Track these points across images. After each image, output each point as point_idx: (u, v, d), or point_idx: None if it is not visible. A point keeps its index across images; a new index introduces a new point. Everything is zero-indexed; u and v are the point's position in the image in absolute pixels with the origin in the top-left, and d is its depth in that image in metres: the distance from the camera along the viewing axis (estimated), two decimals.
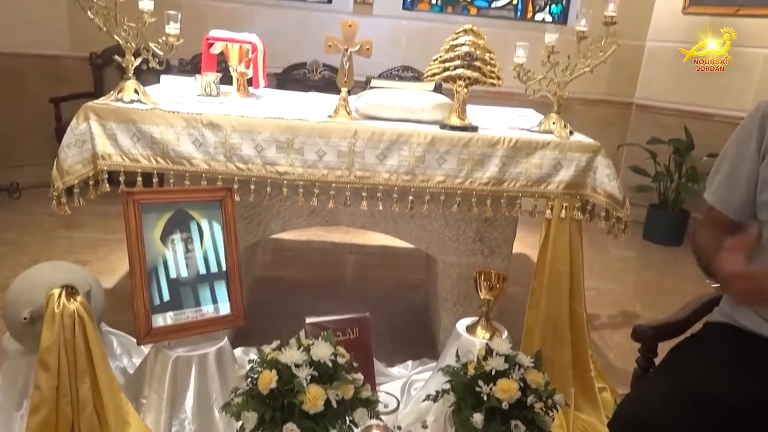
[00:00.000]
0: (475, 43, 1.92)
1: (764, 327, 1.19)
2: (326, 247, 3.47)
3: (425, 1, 4.33)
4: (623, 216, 1.98)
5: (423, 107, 2.02)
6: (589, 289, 3.15)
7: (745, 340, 1.22)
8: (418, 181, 1.93)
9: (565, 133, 2.00)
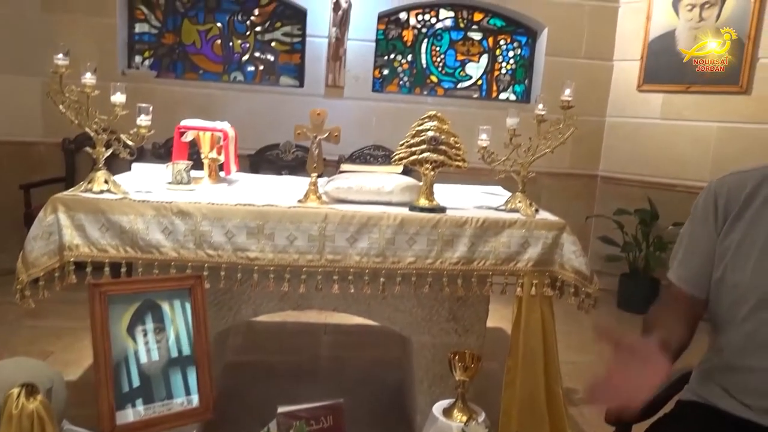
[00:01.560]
0: (439, 128, 1.99)
1: (733, 405, 1.19)
2: (300, 329, 3.42)
3: (394, 83, 4.51)
4: (592, 291, 2.01)
5: (392, 190, 2.06)
6: (566, 363, 3.14)
7: (717, 419, 1.22)
8: (389, 262, 1.95)
9: (530, 211, 2.06)
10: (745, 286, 1.20)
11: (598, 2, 4.37)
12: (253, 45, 4.36)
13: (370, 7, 4.21)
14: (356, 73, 4.26)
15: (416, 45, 4.49)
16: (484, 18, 4.50)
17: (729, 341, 1.23)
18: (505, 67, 4.60)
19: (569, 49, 4.40)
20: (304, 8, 4.20)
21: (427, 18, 4.46)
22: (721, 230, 1.26)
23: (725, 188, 1.28)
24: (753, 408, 1.16)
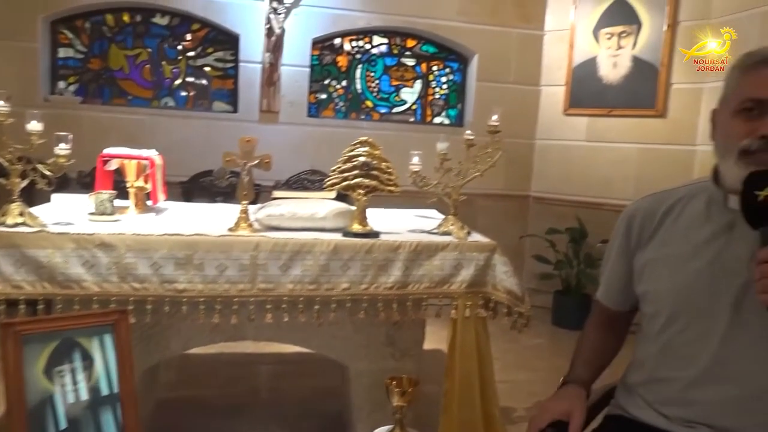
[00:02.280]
0: (371, 153, 2.00)
1: (653, 416, 1.23)
2: (237, 360, 3.32)
3: (329, 108, 4.53)
4: (524, 311, 2.05)
5: (325, 216, 2.05)
6: (504, 382, 3.19)
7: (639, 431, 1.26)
8: (324, 289, 1.93)
9: (462, 234, 2.09)
10: (659, 301, 1.26)
11: (524, 30, 4.55)
12: (184, 70, 4.28)
13: (304, 32, 4.22)
14: (291, 98, 4.25)
15: (351, 70, 4.53)
16: (416, 44, 4.61)
17: (648, 354, 1.28)
18: (439, 92, 4.71)
19: (499, 74, 4.56)
20: (236, 33, 4.17)
21: (361, 44, 4.52)
22: (637, 250, 1.32)
23: (641, 210, 1.34)
24: (671, 418, 1.20)
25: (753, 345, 1.11)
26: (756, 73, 1.11)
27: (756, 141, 1.08)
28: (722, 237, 1.18)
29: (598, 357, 1.42)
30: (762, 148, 1.08)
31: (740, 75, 1.15)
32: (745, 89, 1.12)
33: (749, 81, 1.12)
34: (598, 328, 1.46)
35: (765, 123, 1.08)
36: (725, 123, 1.17)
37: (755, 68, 1.12)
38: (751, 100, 1.10)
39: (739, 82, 1.15)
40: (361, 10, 4.30)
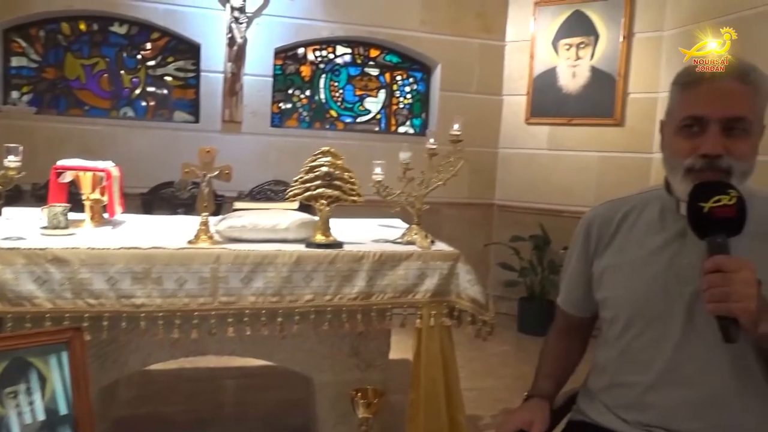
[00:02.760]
0: (333, 163, 1.99)
1: (613, 421, 1.25)
2: (200, 374, 3.25)
3: (293, 118, 4.50)
4: (488, 319, 2.05)
5: (287, 227, 2.03)
6: (471, 390, 3.20)
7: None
8: (287, 301, 1.90)
9: (426, 243, 2.09)
10: (617, 306, 1.28)
11: (486, 41, 4.62)
12: (144, 80, 4.20)
13: (267, 42, 4.20)
14: (254, 108, 4.21)
15: (314, 80, 4.52)
16: (380, 54, 4.62)
17: (608, 359, 1.30)
18: (403, 102, 4.73)
19: (461, 84, 4.61)
20: (197, 43, 4.12)
21: (324, 54, 4.52)
22: (595, 256, 1.35)
23: (598, 218, 1.37)
24: (630, 422, 1.22)
25: (705, 350, 1.14)
26: (694, 91, 1.14)
27: (699, 160, 1.11)
28: (675, 244, 1.21)
29: (560, 368, 1.45)
30: (704, 167, 1.10)
31: (680, 91, 1.18)
32: (684, 106, 1.15)
33: (688, 98, 1.15)
34: (560, 336, 1.49)
35: (705, 141, 1.10)
36: (670, 139, 1.20)
37: (693, 85, 1.15)
38: (690, 118, 1.13)
39: (680, 98, 1.18)
40: (325, 20, 4.30)
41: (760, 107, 1.14)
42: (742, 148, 1.10)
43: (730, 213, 1.02)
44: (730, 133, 1.10)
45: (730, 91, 1.11)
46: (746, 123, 1.11)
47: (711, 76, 1.12)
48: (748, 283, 0.97)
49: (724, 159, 1.09)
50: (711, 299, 0.99)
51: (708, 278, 0.99)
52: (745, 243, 1.06)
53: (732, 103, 1.10)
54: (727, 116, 1.10)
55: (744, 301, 0.96)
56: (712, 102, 1.11)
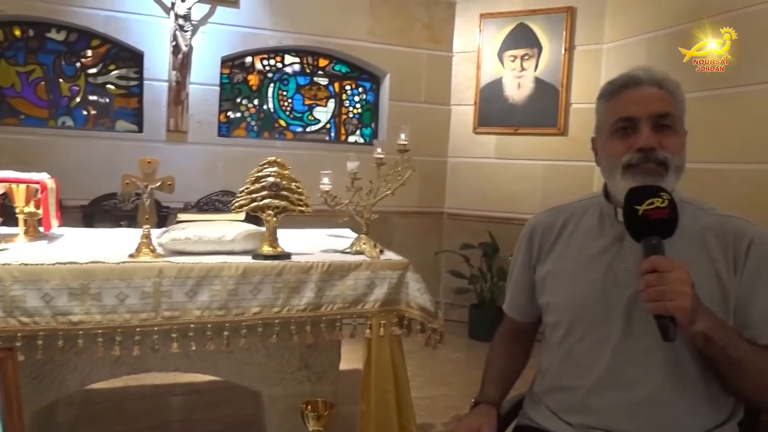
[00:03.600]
0: (280, 173, 1.97)
1: (558, 425, 1.27)
2: (145, 392, 3.14)
3: (241, 128, 4.43)
4: (437, 327, 2.07)
5: (233, 238, 1.99)
6: (423, 398, 3.22)
7: None
8: (233, 314, 1.86)
9: (375, 252, 2.09)
10: (559, 311, 1.31)
11: (433, 51, 4.68)
12: (84, 88, 4.05)
13: (213, 50, 4.13)
14: (200, 117, 4.13)
15: (263, 89, 4.47)
16: (329, 64, 4.62)
17: (551, 363, 1.33)
18: (352, 111, 4.73)
19: (410, 94, 4.65)
20: (140, 51, 4.01)
21: (272, 63, 4.48)
22: (538, 262, 1.38)
23: (540, 224, 1.40)
24: (574, 425, 1.24)
25: (643, 352, 1.17)
26: (620, 97, 1.22)
27: (635, 155, 1.18)
28: (613, 249, 1.25)
29: (506, 374, 1.47)
30: (642, 160, 1.17)
31: (607, 102, 1.26)
32: (613, 112, 1.23)
33: (616, 105, 1.23)
34: (505, 342, 1.51)
35: (639, 137, 1.17)
36: (605, 146, 1.27)
37: (618, 93, 1.23)
38: (621, 120, 1.21)
39: (607, 108, 1.26)
40: (272, 29, 4.27)
41: (680, 110, 1.22)
42: (673, 142, 1.18)
43: (663, 215, 1.06)
44: (661, 130, 1.18)
45: (652, 94, 1.20)
46: (672, 119, 1.19)
47: (632, 85, 1.21)
48: (683, 281, 1.01)
49: (658, 152, 1.16)
50: (648, 299, 1.02)
51: (645, 278, 1.03)
52: (677, 244, 1.11)
53: (657, 102, 1.19)
54: (655, 113, 1.17)
55: (679, 299, 1.00)
56: (639, 103, 1.19)
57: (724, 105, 3.19)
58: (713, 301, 1.13)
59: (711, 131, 3.22)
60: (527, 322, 1.47)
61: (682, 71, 3.40)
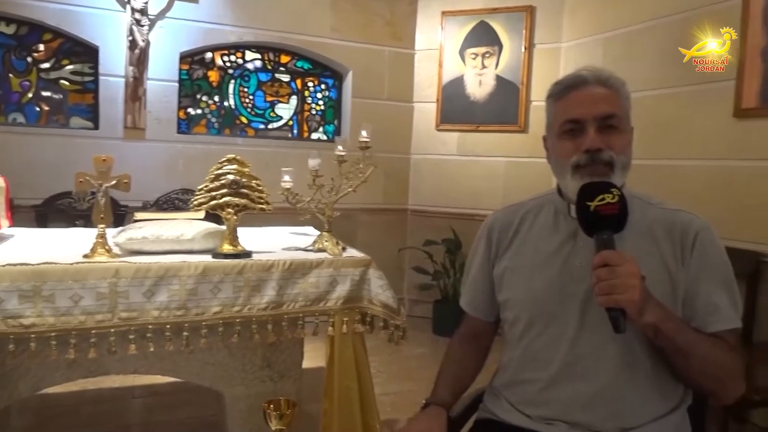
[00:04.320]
0: (240, 171, 1.95)
1: (518, 417, 1.29)
2: (103, 395, 3.06)
3: (201, 125, 4.36)
4: (400, 323, 2.08)
5: (192, 237, 1.96)
6: (388, 394, 3.23)
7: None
8: (193, 314, 1.83)
9: (337, 250, 2.09)
10: (517, 308, 1.33)
11: (396, 49, 4.69)
12: (36, 83, 3.92)
13: (171, 46, 4.05)
14: (159, 114, 4.05)
15: (223, 86, 4.41)
16: (290, 60, 4.58)
17: (511, 358, 1.35)
18: (315, 108, 4.71)
19: (373, 91, 4.65)
20: (95, 45, 3.90)
21: (233, 59, 4.42)
22: (496, 259, 1.40)
23: (498, 221, 1.43)
24: (533, 418, 1.27)
25: (597, 345, 1.20)
26: (567, 98, 1.26)
27: (583, 156, 1.21)
28: (568, 245, 1.28)
29: (460, 376, 1.47)
30: (589, 161, 1.21)
31: (555, 102, 1.30)
32: (561, 114, 1.26)
33: (563, 106, 1.27)
34: (462, 342, 1.51)
35: (586, 139, 1.21)
36: (554, 146, 1.31)
37: (565, 94, 1.26)
38: (569, 122, 1.24)
39: (555, 109, 1.29)
40: (232, 24, 4.21)
41: (625, 108, 1.26)
42: (619, 142, 1.22)
43: (614, 210, 1.10)
44: (606, 130, 1.21)
45: (597, 94, 1.23)
46: (617, 119, 1.22)
47: (578, 85, 1.24)
48: (632, 275, 1.04)
49: (605, 152, 1.20)
50: (600, 292, 1.05)
51: (597, 273, 1.06)
52: (628, 238, 1.16)
53: (602, 104, 1.22)
54: (600, 114, 1.21)
55: (628, 292, 1.03)
56: (585, 105, 1.22)
57: (677, 102, 3.29)
58: (662, 292, 1.16)
59: (665, 128, 3.32)
60: (487, 321, 1.47)
61: (635, 70, 3.50)
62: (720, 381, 1.16)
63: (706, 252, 1.20)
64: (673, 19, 3.32)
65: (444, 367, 1.49)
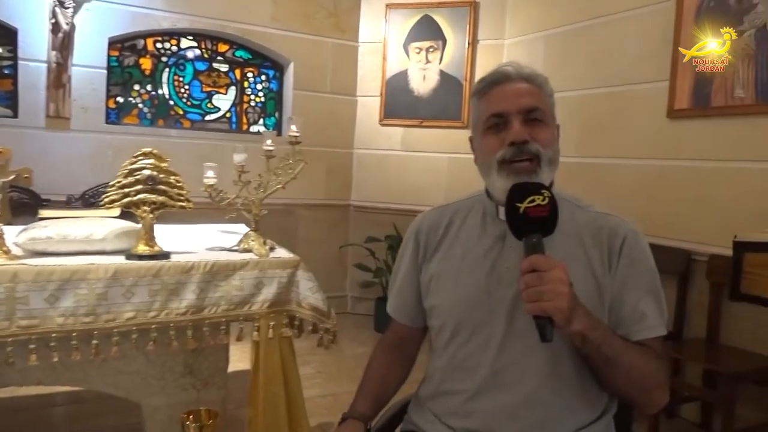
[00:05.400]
0: (157, 166, 1.82)
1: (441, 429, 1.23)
2: (19, 404, 2.85)
3: (132, 115, 4.14)
4: (330, 327, 2.00)
5: (104, 237, 1.82)
6: (325, 396, 3.15)
7: None
8: (103, 321, 1.70)
9: (264, 250, 1.98)
10: (444, 315, 1.27)
11: (339, 41, 4.59)
12: None
13: (99, 30, 3.82)
14: (85, 102, 3.81)
15: (157, 74, 4.19)
16: (229, 49, 4.41)
17: (437, 368, 1.29)
18: (255, 100, 4.55)
19: (315, 84, 4.54)
20: (14, 27, 3.63)
21: (167, 46, 4.21)
22: (423, 263, 1.33)
23: (426, 224, 1.36)
24: (456, 429, 1.21)
25: (524, 353, 1.15)
26: (491, 94, 1.22)
27: (508, 149, 1.17)
28: (496, 248, 1.23)
29: (382, 387, 1.39)
30: (515, 155, 1.16)
31: (479, 100, 1.25)
32: (485, 109, 1.22)
33: (487, 102, 1.23)
34: (387, 350, 1.44)
35: (510, 132, 1.17)
36: (480, 143, 1.26)
37: (489, 90, 1.23)
38: (493, 116, 1.20)
39: (480, 106, 1.25)
40: (166, 9, 4.00)
41: (549, 104, 1.23)
42: (544, 135, 1.18)
43: (543, 212, 1.04)
44: (531, 123, 1.18)
45: (521, 89, 1.20)
46: (541, 113, 1.19)
47: (501, 81, 1.21)
48: (560, 281, 0.99)
49: (531, 145, 1.16)
50: (527, 299, 1.00)
51: (524, 278, 1.01)
52: (556, 242, 1.11)
53: (526, 97, 1.19)
54: (524, 107, 1.17)
55: (556, 299, 0.98)
56: (509, 99, 1.19)
57: (612, 101, 3.32)
58: (590, 299, 1.12)
59: (601, 127, 3.35)
60: (415, 327, 1.40)
61: (574, 68, 3.52)
62: (645, 390, 1.13)
63: (634, 258, 1.17)
64: (610, 20, 3.35)
65: (366, 378, 1.41)
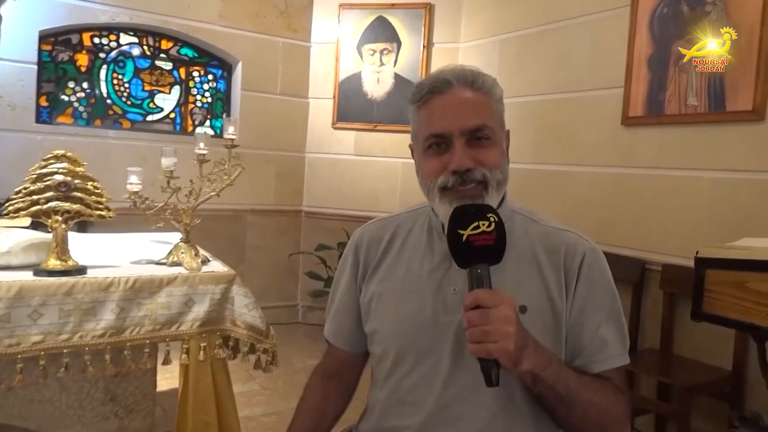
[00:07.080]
0: (71, 170, 1.62)
1: None
2: None
3: (66, 114, 3.87)
4: (269, 347, 1.83)
5: (9, 250, 1.62)
6: (269, 414, 2.98)
7: None
8: (4, 346, 1.49)
9: (195, 263, 1.81)
10: (386, 341, 1.13)
11: (290, 40, 4.42)
12: None
13: (28, 23, 3.55)
14: (13, 100, 3.53)
15: (94, 71, 3.93)
16: (173, 47, 4.18)
17: (377, 399, 1.15)
18: (201, 100, 4.33)
19: (265, 84, 4.35)
20: None
21: (105, 42, 3.96)
22: (363, 282, 1.19)
23: (365, 239, 1.22)
24: None
25: (472, 387, 1.03)
26: (429, 107, 1.07)
27: (450, 177, 1.03)
28: (443, 267, 1.10)
29: (318, 421, 1.24)
30: (458, 183, 1.03)
31: (417, 110, 1.10)
32: (424, 126, 1.07)
33: (426, 116, 1.07)
34: (322, 382, 1.28)
35: (452, 157, 1.03)
36: (421, 161, 1.11)
37: (427, 101, 1.07)
38: (433, 136, 1.05)
39: (419, 117, 1.09)
40: (103, 3, 3.76)
41: (498, 111, 1.09)
42: (492, 157, 1.04)
43: (489, 241, 0.92)
44: (477, 143, 1.04)
45: (464, 101, 1.04)
46: (489, 130, 1.05)
47: (441, 89, 1.05)
48: (507, 320, 0.87)
49: (475, 171, 1.02)
50: (471, 339, 0.88)
51: (467, 316, 0.88)
52: (507, 262, 0.98)
53: (469, 113, 1.03)
54: (468, 128, 1.03)
55: (502, 340, 0.86)
56: (449, 116, 1.03)
57: (568, 108, 3.26)
58: (545, 327, 1.01)
59: (556, 133, 3.29)
60: (355, 353, 1.25)
61: (529, 74, 3.45)
62: (603, 428, 1.02)
63: (593, 279, 1.06)
64: (566, 24, 3.30)
65: (299, 411, 1.25)
